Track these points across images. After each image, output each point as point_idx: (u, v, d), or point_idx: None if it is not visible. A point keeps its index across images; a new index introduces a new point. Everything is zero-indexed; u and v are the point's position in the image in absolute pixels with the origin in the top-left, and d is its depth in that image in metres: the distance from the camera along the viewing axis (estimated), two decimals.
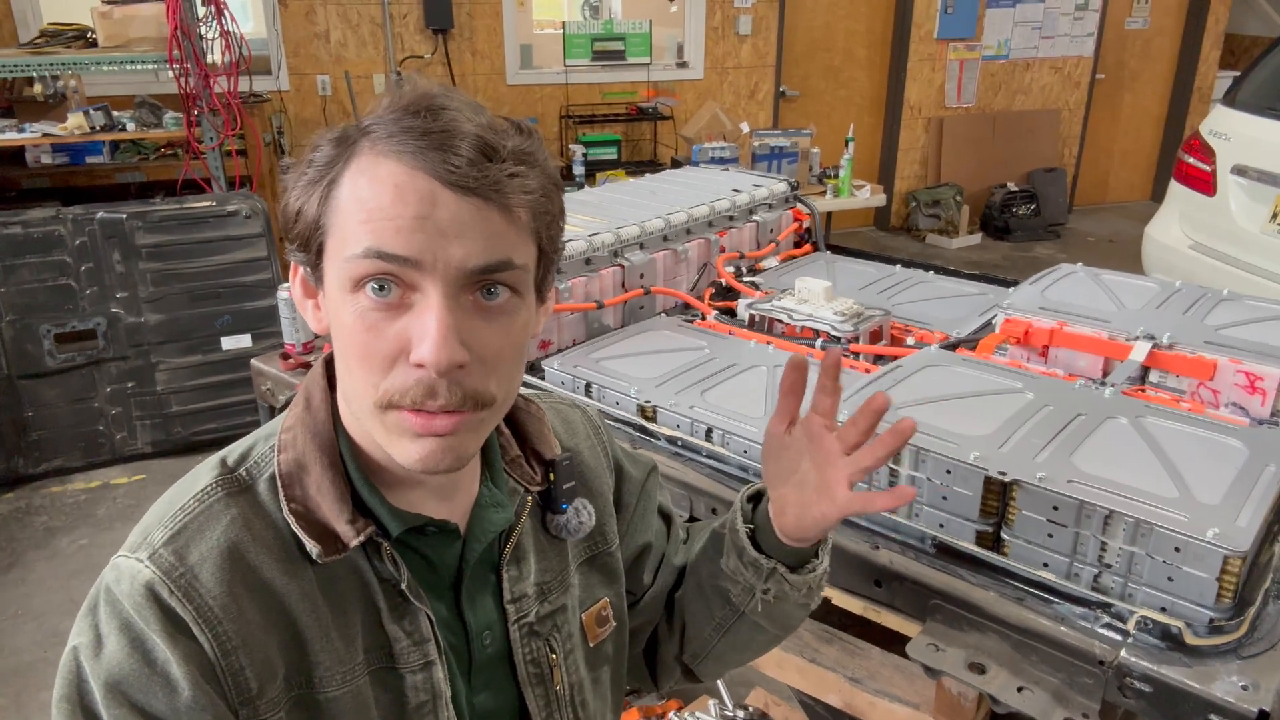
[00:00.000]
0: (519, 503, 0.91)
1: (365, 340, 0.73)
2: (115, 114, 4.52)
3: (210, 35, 4.22)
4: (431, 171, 0.70)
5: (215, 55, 4.29)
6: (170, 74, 4.14)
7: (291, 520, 0.78)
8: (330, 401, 0.83)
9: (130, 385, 3.91)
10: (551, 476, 0.93)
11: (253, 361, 2.25)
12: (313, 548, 0.77)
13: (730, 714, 2.25)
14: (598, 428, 1.05)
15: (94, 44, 4.32)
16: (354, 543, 0.78)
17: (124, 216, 3.75)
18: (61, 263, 3.71)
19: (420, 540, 0.83)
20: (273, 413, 2.24)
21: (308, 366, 2.16)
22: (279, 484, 0.79)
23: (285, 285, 2.21)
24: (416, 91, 0.74)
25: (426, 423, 0.73)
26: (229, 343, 4.02)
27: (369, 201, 0.72)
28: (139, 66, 4.18)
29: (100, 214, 3.73)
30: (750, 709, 2.28)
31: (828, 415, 0.92)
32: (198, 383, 4.00)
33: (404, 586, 0.81)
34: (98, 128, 4.38)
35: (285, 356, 2.19)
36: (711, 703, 2.30)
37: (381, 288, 0.72)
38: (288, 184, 0.78)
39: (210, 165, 4.33)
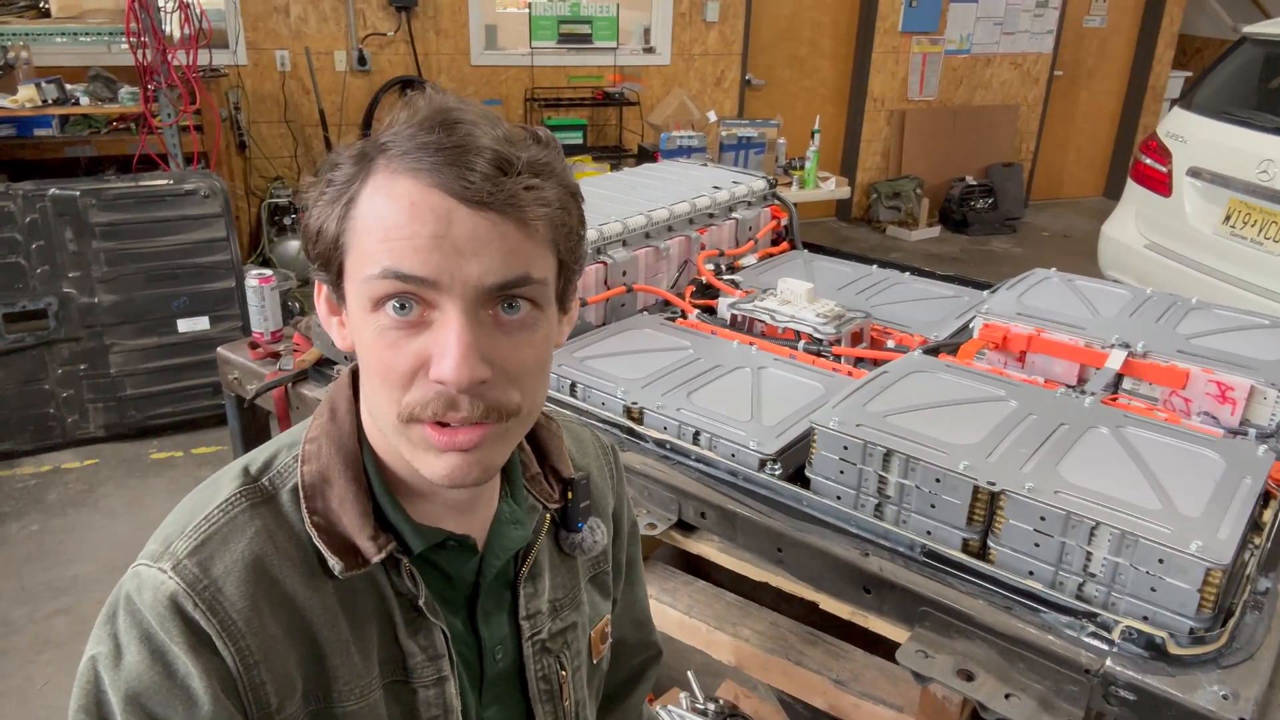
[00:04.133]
0: (537, 520, 0.91)
1: (386, 357, 0.72)
2: (68, 87, 4.36)
3: (168, 7, 4.10)
4: (447, 188, 0.70)
5: (173, 28, 4.17)
6: (124, 46, 4.01)
7: (313, 533, 0.77)
8: (355, 413, 0.82)
9: (83, 367, 3.79)
10: (569, 495, 0.93)
11: (219, 350, 2.20)
12: (335, 563, 0.77)
13: (701, 706, 2.27)
14: (606, 449, 1.06)
15: (46, 14, 4.17)
16: (375, 559, 0.78)
17: (77, 194, 3.62)
18: (11, 240, 3.57)
19: (439, 555, 0.83)
20: (240, 402, 2.19)
21: (276, 355, 2.12)
22: (301, 495, 0.79)
23: (253, 271, 2.16)
24: (432, 105, 0.74)
25: (448, 439, 0.73)
26: (185, 325, 3.91)
27: (386, 220, 0.71)
28: (93, 38, 4.04)
29: (53, 190, 3.60)
30: (721, 701, 2.30)
31: None
32: (153, 365, 3.89)
33: (421, 603, 0.81)
34: (50, 101, 4.23)
35: (254, 345, 2.15)
36: (682, 695, 2.31)
37: (402, 306, 0.71)
38: (308, 202, 0.77)
39: (167, 141, 4.22)
